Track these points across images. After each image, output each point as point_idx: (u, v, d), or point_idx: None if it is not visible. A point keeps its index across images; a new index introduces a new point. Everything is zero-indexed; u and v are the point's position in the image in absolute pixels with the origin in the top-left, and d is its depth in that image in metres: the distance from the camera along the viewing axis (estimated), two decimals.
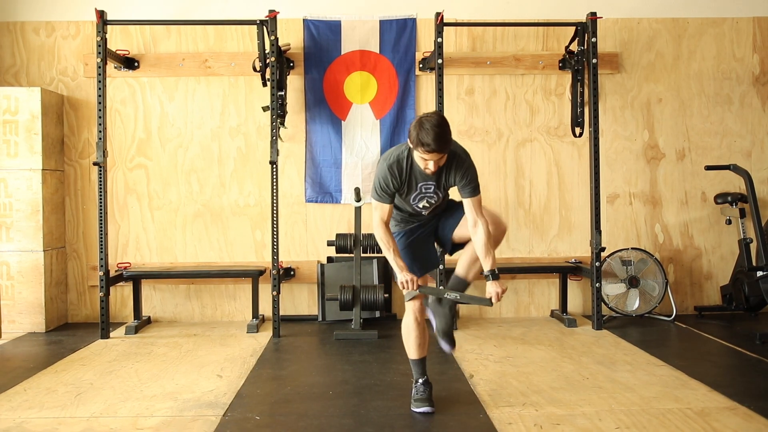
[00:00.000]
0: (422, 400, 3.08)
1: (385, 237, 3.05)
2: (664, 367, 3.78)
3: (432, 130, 2.81)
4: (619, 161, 5.30)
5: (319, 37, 5.18)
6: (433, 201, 3.09)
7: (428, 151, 2.84)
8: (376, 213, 3.07)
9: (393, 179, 3.01)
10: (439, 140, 2.81)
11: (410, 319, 3.12)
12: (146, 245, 5.20)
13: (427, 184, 3.04)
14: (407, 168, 3.01)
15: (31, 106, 4.81)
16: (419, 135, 2.84)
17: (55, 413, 3.08)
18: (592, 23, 4.78)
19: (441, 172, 3.02)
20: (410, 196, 3.07)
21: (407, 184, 3.03)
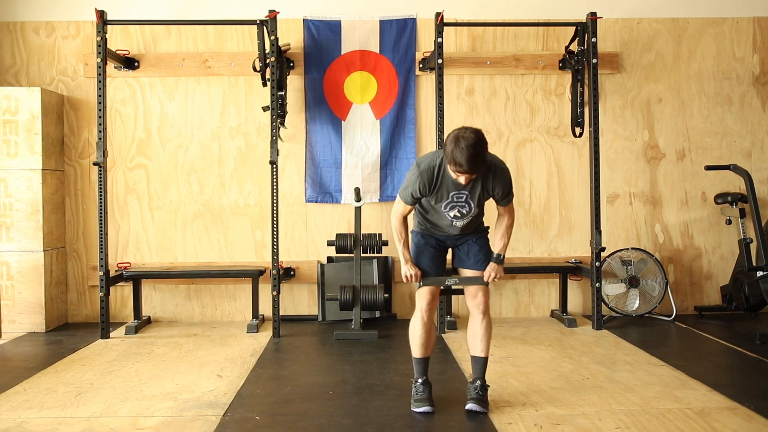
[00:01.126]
0: (422, 400, 3.08)
1: (399, 227, 3.16)
2: (664, 367, 3.78)
3: (467, 150, 2.78)
4: (619, 161, 5.30)
5: (319, 37, 5.18)
6: (465, 211, 3.08)
7: (460, 172, 2.87)
8: (397, 206, 3.17)
9: (422, 186, 3.03)
10: (472, 162, 2.81)
11: (417, 318, 3.14)
12: (146, 245, 5.20)
13: (460, 193, 3.04)
14: (439, 176, 3.01)
15: (31, 106, 4.81)
16: (453, 153, 2.81)
17: (55, 413, 3.08)
18: (592, 23, 4.78)
19: (475, 182, 3.02)
20: (441, 203, 3.07)
21: (438, 192, 3.04)
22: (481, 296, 3.12)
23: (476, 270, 3.18)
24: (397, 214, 3.17)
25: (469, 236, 3.22)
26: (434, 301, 3.13)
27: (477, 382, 3.12)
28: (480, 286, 3.14)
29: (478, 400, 3.05)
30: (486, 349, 3.14)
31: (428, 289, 3.12)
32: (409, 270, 3.13)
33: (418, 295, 3.14)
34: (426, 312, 3.11)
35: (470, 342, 3.17)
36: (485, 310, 3.12)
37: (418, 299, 3.14)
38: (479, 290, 3.13)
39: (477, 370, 3.14)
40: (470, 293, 3.15)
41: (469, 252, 3.21)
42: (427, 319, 3.12)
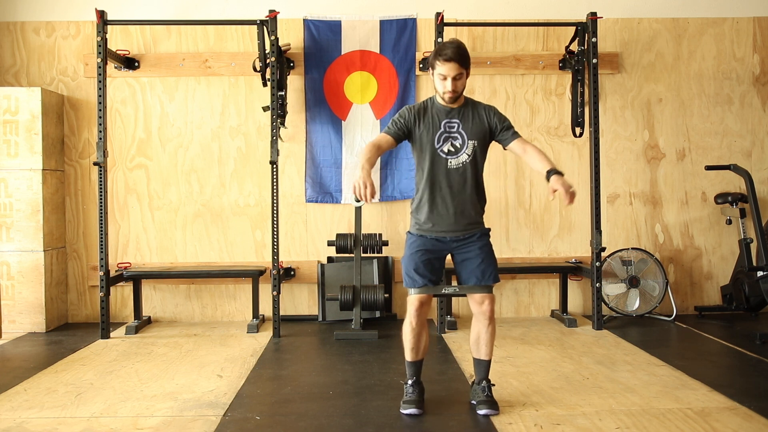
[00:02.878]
0: (410, 402, 3.06)
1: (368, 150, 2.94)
2: (665, 367, 3.78)
3: (451, 43, 2.96)
4: (620, 161, 5.30)
5: (320, 37, 5.18)
6: (458, 144, 3.04)
7: (445, 61, 2.91)
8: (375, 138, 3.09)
9: (408, 112, 3.07)
10: (457, 51, 2.92)
11: (406, 322, 3.09)
12: (146, 245, 5.20)
13: (451, 122, 3.05)
14: (429, 107, 3.08)
15: (32, 106, 4.81)
16: (437, 49, 2.98)
17: (56, 413, 3.08)
18: (592, 23, 4.78)
19: (465, 111, 3.07)
20: (434, 136, 3.03)
21: (430, 122, 3.04)
22: (488, 304, 3.06)
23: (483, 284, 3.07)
24: (373, 140, 3.03)
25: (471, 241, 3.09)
26: (423, 308, 3.04)
27: (483, 382, 3.11)
28: (488, 295, 3.06)
29: (489, 404, 3.04)
30: (491, 353, 3.13)
31: (416, 296, 3.03)
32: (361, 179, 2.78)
33: (408, 300, 3.07)
34: (415, 318, 3.05)
35: (474, 346, 3.14)
36: (491, 316, 3.08)
37: (408, 304, 3.06)
38: (486, 298, 3.06)
39: (481, 371, 3.14)
40: (476, 300, 3.08)
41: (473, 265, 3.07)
42: (416, 325, 3.06)
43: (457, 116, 3.07)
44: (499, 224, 5.26)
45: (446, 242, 3.10)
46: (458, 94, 3.02)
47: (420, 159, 3.09)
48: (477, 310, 3.09)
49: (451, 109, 3.07)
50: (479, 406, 3.04)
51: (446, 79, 2.95)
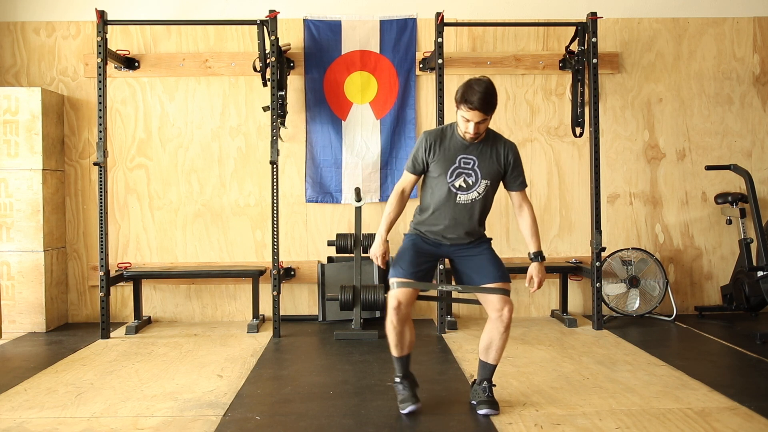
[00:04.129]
0: (405, 400, 3.04)
1: (391, 204, 3.09)
2: (665, 367, 3.78)
3: (478, 88, 2.87)
4: (620, 161, 5.30)
5: (320, 37, 5.18)
6: (471, 182, 3.01)
7: (470, 109, 2.87)
8: (401, 179, 3.13)
9: (427, 146, 3.03)
10: (483, 99, 2.86)
11: (387, 321, 3.03)
12: (146, 245, 5.20)
13: (467, 157, 3.01)
14: (446, 136, 3.04)
15: (32, 106, 4.81)
16: (464, 92, 2.89)
17: (56, 413, 3.08)
18: (592, 23, 4.78)
19: (483, 148, 3.03)
20: (448, 170, 3.00)
21: (446, 154, 3.00)
22: (507, 311, 2.96)
23: (498, 282, 3.01)
24: (396, 188, 3.12)
25: (471, 246, 3.09)
26: (402, 307, 2.96)
27: (484, 383, 3.09)
28: (506, 299, 2.97)
29: (490, 404, 3.02)
30: (499, 358, 3.09)
31: (396, 292, 2.96)
32: (376, 250, 3.06)
33: (388, 296, 3.01)
34: (394, 316, 2.97)
35: (484, 351, 3.08)
36: (509, 324, 2.99)
37: (388, 300, 3.00)
38: (505, 304, 2.96)
39: (485, 373, 3.11)
40: (494, 307, 2.98)
41: (481, 264, 3.05)
42: (396, 323, 2.99)
43: (474, 152, 3.02)
44: (499, 224, 5.26)
45: (445, 245, 3.09)
46: (480, 136, 2.99)
47: (430, 184, 3.08)
48: (495, 316, 2.99)
49: (469, 144, 3.03)
50: (480, 406, 3.04)
51: (469, 122, 2.92)
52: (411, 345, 3.11)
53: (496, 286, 2.99)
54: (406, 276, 2.99)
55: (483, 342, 3.08)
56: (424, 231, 3.10)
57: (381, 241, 3.08)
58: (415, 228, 3.14)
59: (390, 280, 3.02)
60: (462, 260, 3.11)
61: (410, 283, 2.98)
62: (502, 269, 3.06)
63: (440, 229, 3.07)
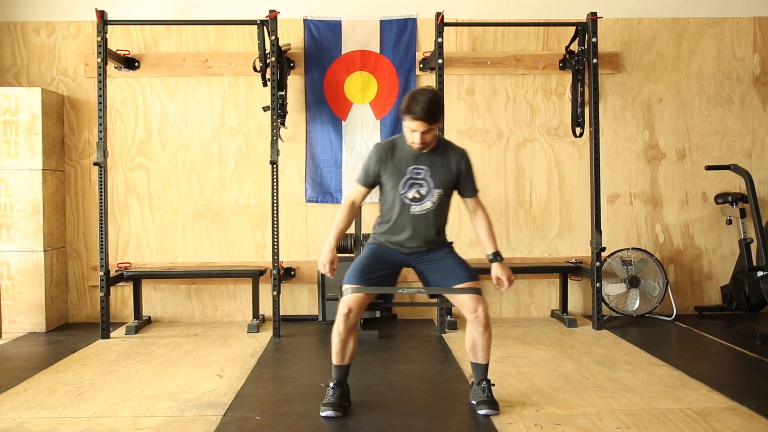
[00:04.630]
0: (327, 405, 3.00)
1: (340, 215, 3.10)
2: (665, 367, 3.77)
3: (422, 98, 2.87)
4: (620, 161, 5.30)
5: (320, 37, 5.18)
6: (424, 192, 3.01)
7: (414, 119, 2.87)
8: (351, 191, 3.14)
9: (378, 157, 3.04)
10: (426, 109, 2.85)
11: (334, 326, 3.01)
12: (146, 245, 5.20)
13: (418, 168, 3.01)
14: (395, 148, 3.04)
15: (32, 106, 4.81)
16: (408, 103, 2.89)
17: (56, 413, 3.08)
18: (592, 23, 4.78)
19: (434, 157, 3.02)
20: (400, 181, 3.00)
21: (397, 165, 3.01)
22: (482, 310, 2.96)
23: (469, 282, 3.00)
24: (348, 197, 3.14)
25: (432, 252, 3.08)
26: (351, 314, 2.94)
27: (482, 383, 3.09)
28: (479, 298, 2.97)
29: (490, 404, 3.01)
30: (488, 356, 3.09)
31: (347, 299, 2.94)
32: (324, 258, 3.04)
33: (340, 302, 2.98)
34: (342, 323, 2.95)
35: (471, 352, 3.08)
36: (487, 322, 2.98)
37: (339, 306, 2.98)
38: (479, 304, 2.96)
39: (480, 373, 3.11)
40: (468, 308, 2.97)
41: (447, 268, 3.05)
42: (342, 330, 2.97)
43: (425, 162, 3.02)
44: (499, 224, 5.26)
45: (405, 254, 3.10)
46: (427, 145, 2.98)
47: (386, 197, 3.09)
48: (471, 317, 2.99)
49: (420, 155, 3.02)
50: (479, 406, 3.04)
51: (415, 132, 2.92)
52: (352, 356, 3.07)
53: (467, 286, 2.99)
54: (358, 283, 2.99)
55: (467, 344, 3.08)
56: (384, 241, 3.11)
57: (329, 249, 3.07)
58: (375, 237, 3.15)
59: (343, 287, 3.02)
60: (426, 266, 3.11)
61: (362, 288, 2.97)
62: (469, 269, 3.06)
63: (399, 240, 3.07)
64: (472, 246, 5.23)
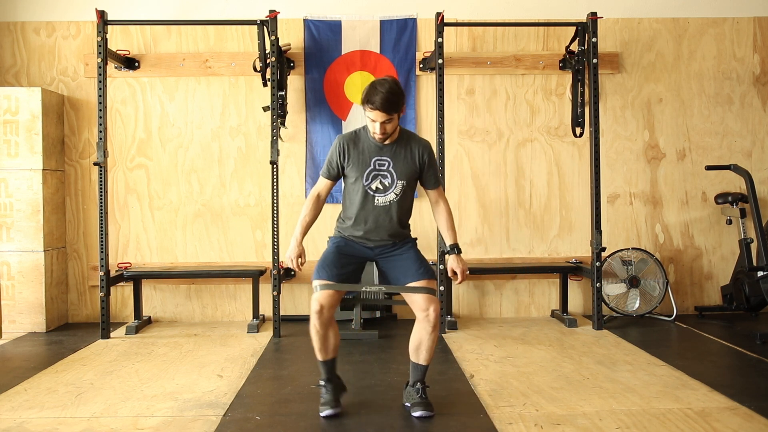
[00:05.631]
0: (325, 404, 3.01)
1: (306, 209, 3.11)
2: (665, 367, 3.78)
3: (381, 88, 2.86)
4: (620, 161, 5.30)
5: (320, 37, 5.18)
6: (387, 183, 3.01)
7: (373, 109, 2.87)
8: (316, 184, 3.15)
9: (340, 149, 3.04)
10: (385, 99, 2.85)
11: (310, 324, 3.00)
12: (146, 245, 5.20)
13: (381, 159, 3.01)
14: (361, 140, 3.04)
15: (32, 106, 4.81)
16: (368, 93, 2.89)
17: (56, 413, 3.08)
18: (592, 23, 4.78)
19: (398, 148, 3.03)
20: (364, 173, 3.00)
21: (360, 156, 3.01)
22: (433, 310, 2.92)
23: (424, 280, 2.99)
24: (313, 190, 3.14)
25: (395, 247, 3.09)
26: (324, 310, 2.94)
27: (417, 384, 3.05)
28: (432, 298, 2.94)
29: (424, 405, 2.99)
30: (430, 358, 3.05)
31: (318, 296, 2.94)
32: (290, 253, 3.05)
33: (311, 299, 2.98)
34: (317, 320, 2.95)
35: (414, 351, 3.04)
36: (436, 323, 2.94)
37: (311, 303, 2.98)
38: (431, 303, 2.93)
39: (417, 375, 3.07)
40: (420, 306, 2.94)
41: (405, 264, 3.04)
42: (319, 327, 2.96)
43: (388, 154, 3.02)
44: (499, 224, 5.26)
45: (370, 248, 3.10)
46: (388, 136, 2.98)
47: (349, 189, 3.09)
48: (421, 316, 2.96)
49: (383, 146, 3.03)
50: (413, 408, 3.00)
51: (375, 122, 2.92)
52: (336, 349, 3.07)
53: (421, 285, 2.97)
54: (328, 279, 2.98)
55: (412, 343, 3.05)
56: (348, 235, 3.12)
57: (296, 244, 3.07)
58: (339, 231, 3.16)
59: (313, 283, 3.01)
60: (386, 261, 3.11)
61: (333, 285, 2.97)
62: (426, 267, 3.05)
63: (363, 233, 3.07)
64: (472, 246, 5.25)
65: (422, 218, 5.23)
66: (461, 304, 5.26)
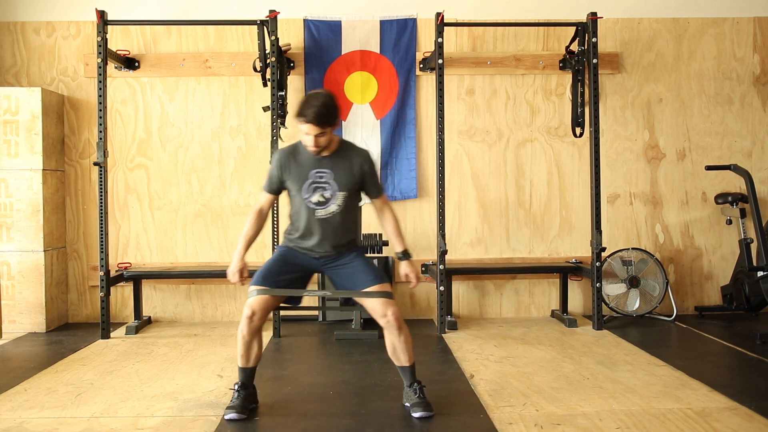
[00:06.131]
0: (231, 406, 2.99)
1: (248, 223, 3.10)
2: (665, 367, 3.78)
3: (314, 102, 2.87)
4: (620, 161, 5.30)
5: (320, 37, 5.18)
6: (328, 195, 3.01)
7: (305, 122, 2.88)
8: (258, 200, 3.16)
9: (279, 163, 3.05)
10: (317, 113, 2.85)
11: (238, 330, 3.00)
12: (146, 245, 5.20)
13: (321, 171, 3.01)
14: (301, 153, 3.05)
15: (32, 106, 4.81)
16: (301, 106, 2.90)
17: (56, 413, 3.08)
18: (592, 23, 4.78)
19: (336, 160, 3.03)
20: (303, 185, 3.01)
21: (299, 170, 3.02)
22: (391, 314, 2.92)
23: (376, 285, 2.98)
24: (255, 206, 3.15)
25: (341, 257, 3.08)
26: (255, 317, 2.93)
27: (414, 385, 3.05)
28: (388, 302, 2.94)
29: (424, 406, 2.99)
30: (411, 357, 3.05)
31: (251, 301, 2.93)
32: (232, 267, 3.06)
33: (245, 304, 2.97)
34: (245, 326, 2.94)
35: (393, 356, 3.05)
36: (400, 324, 2.95)
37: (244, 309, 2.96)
38: (387, 308, 2.93)
39: (408, 376, 3.07)
40: (378, 313, 2.95)
41: (355, 274, 3.03)
42: (246, 333, 2.95)
43: (328, 165, 3.02)
44: (499, 224, 5.26)
45: (315, 258, 3.09)
46: (323, 148, 2.98)
47: (293, 202, 3.10)
48: (382, 322, 2.96)
49: (322, 158, 3.03)
50: (413, 409, 3.00)
51: (308, 135, 2.92)
52: (257, 359, 3.06)
53: (374, 290, 2.97)
54: (263, 285, 2.98)
55: (388, 350, 3.06)
56: (294, 246, 3.12)
57: (238, 258, 3.08)
58: (286, 242, 3.16)
59: (249, 287, 3.01)
60: (334, 272, 3.11)
61: (267, 291, 2.96)
62: (376, 272, 3.05)
63: (309, 246, 3.07)
64: (472, 246, 5.25)
65: (422, 219, 5.23)
66: (461, 304, 5.26)
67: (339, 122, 2.99)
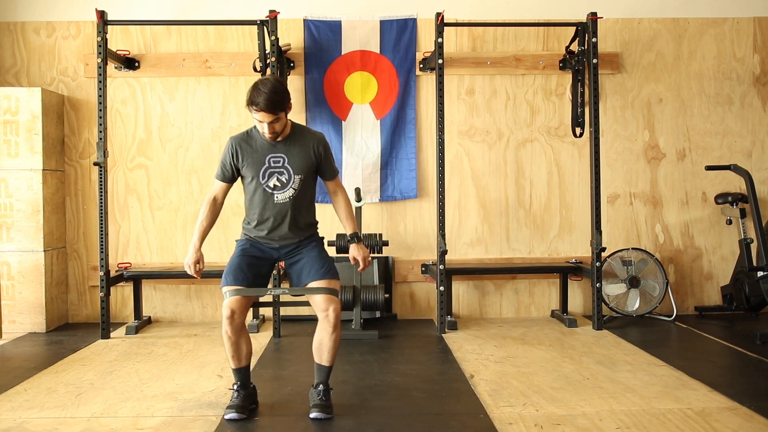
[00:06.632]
0: (231, 407, 2.98)
1: (202, 213, 3.12)
2: (665, 367, 3.78)
3: (263, 89, 2.87)
4: (620, 161, 5.30)
5: (320, 37, 5.18)
6: (285, 179, 3.01)
7: (258, 110, 2.88)
8: (211, 189, 3.16)
9: (233, 150, 3.06)
10: (268, 99, 2.85)
11: (222, 332, 2.97)
12: (147, 245, 5.20)
13: (276, 156, 3.02)
14: (254, 139, 3.06)
15: (32, 106, 4.81)
16: (251, 94, 2.90)
17: (56, 413, 3.08)
18: (592, 23, 4.78)
19: (291, 144, 3.03)
20: (259, 172, 3.01)
21: (254, 156, 3.02)
22: (333, 310, 2.92)
23: (324, 280, 2.99)
24: (209, 195, 3.15)
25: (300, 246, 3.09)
26: (236, 316, 2.91)
27: (320, 386, 3.04)
28: (331, 298, 2.94)
29: (322, 407, 2.97)
30: (333, 359, 3.02)
31: (229, 302, 2.91)
32: (189, 258, 3.06)
33: (222, 306, 2.95)
34: (228, 326, 2.92)
35: (316, 352, 3.04)
36: (336, 324, 2.94)
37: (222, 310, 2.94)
38: (330, 303, 2.93)
39: (321, 376, 3.05)
40: (319, 307, 2.94)
41: (308, 264, 3.03)
42: (231, 333, 2.93)
43: (282, 150, 3.03)
44: (499, 224, 5.26)
45: (275, 248, 3.10)
46: (278, 134, 2.99)
47: (247, 190, 3.10)
48: (321, 317, 2.95)
49: (276, 143, 3.03)
50: (312, 409, 2.98)
51: (262, 122, 2.92)
52: (249, 356, 3.04)
53: (321, 285, 2.97)
54: (236, 284, 2.96)
55: (315, 344, 3.04)
56: (253, 236, 3.12)
57: (193, 250, 3.08)
58: (245, 234, 3.16)
59: (222, 289, 3.00)
60: (291, 261, 3.11)
61: (241, 291, 2.95)
62: (328, 266, 3.04)
63: (266, 233, 3.07)
64: (472, 246, 5.25)
65: (422, 219, 5.23)
66: (461, 304, 5.26)
67: (290, 106, 2.99)
